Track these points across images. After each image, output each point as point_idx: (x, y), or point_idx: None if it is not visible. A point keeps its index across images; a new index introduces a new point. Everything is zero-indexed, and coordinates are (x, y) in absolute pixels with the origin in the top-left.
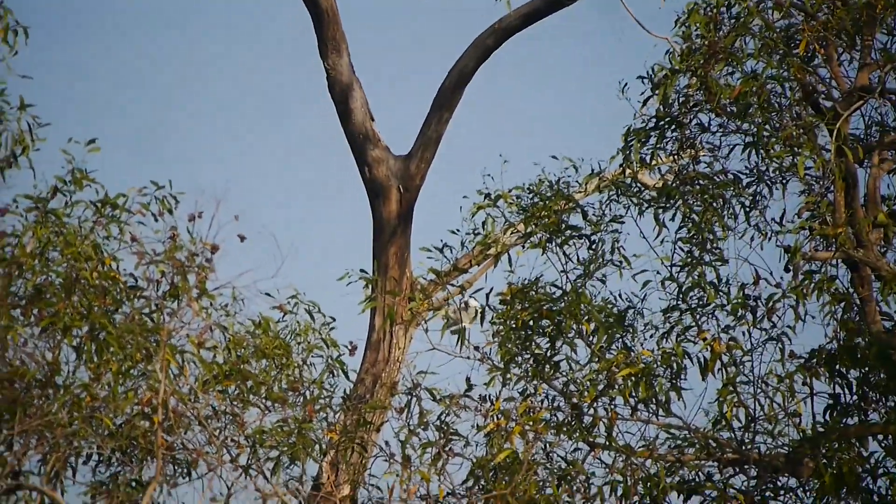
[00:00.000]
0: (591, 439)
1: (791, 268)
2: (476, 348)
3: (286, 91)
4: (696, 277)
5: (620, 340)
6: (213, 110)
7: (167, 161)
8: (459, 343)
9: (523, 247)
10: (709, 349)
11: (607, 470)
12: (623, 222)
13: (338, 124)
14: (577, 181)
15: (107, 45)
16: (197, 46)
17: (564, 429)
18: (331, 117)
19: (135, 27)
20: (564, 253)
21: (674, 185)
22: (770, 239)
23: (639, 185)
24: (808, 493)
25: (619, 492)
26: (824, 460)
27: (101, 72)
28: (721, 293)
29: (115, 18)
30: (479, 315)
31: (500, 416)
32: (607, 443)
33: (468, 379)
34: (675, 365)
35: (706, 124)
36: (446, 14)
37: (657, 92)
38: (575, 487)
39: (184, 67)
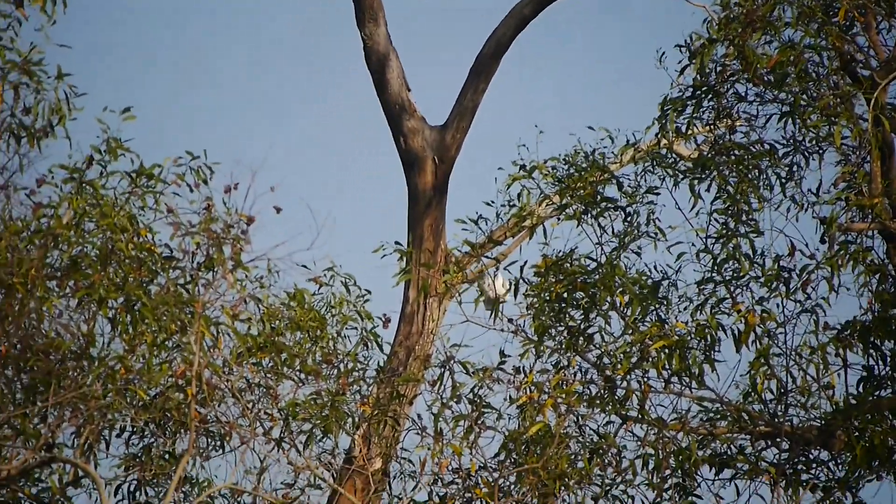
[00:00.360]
0: (624, 412)
1: (826, 239)
2: (510, 321)
3: (323, 61)
4: (731, 249)
5: (655, 313)
6: (249, 81)
7: (203, 132)
8: (493, 316)
9: (558, 219)
10: (743, 321)
11: (639, 443)
12: (659, 193)
13: (374, 94)
14: (612, 152)
15: (137, 14)
16: (232, 16)
17: (597, 402)
18: (367, 87)
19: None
20: (600, 225)
21: (709, 155)
22: (806, 210)
23: (674, 155)
24: (840, 466)
25: (651, 465)
26: (856, 433)
27: (138, 43)
28: (756, 265)
29: None
30: (512, 289)
31: (532, 388)
32: (640, 416)
33: (502, 351)
34: (709, 337)
35: (743, 94)
36: None
37: (694, 61)
38: (607, 461)
39: (219, 39)
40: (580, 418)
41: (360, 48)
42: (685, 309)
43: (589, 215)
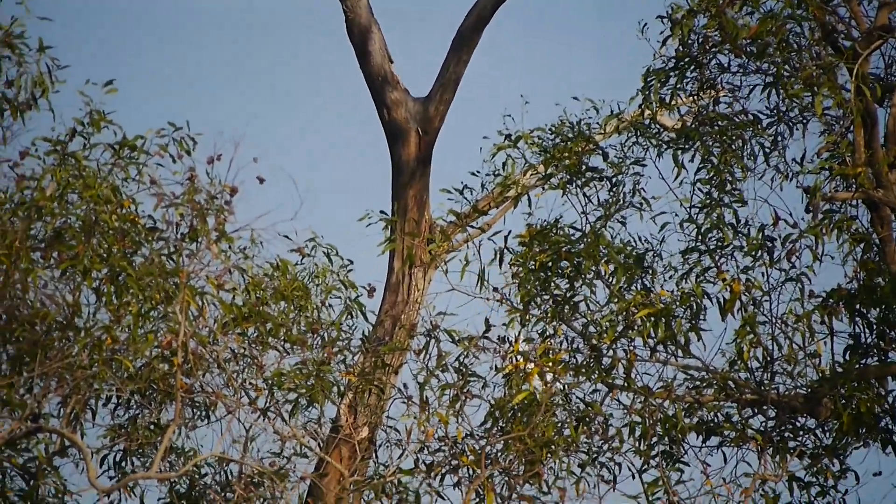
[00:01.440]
0: (610, 381)
1: (811, 208)
2: (495, 289)
3: (306, 31)
4: (714, 219)
5: (639, 281)
6: (233, 52)
7: (186, 104)
8: (479, 284)
9: (543, 188)
10: (728, 290)
11: (626, 411)
12: (645, 165)
13: (357, 65)
14: (597, 123)
15: None
16: None
17: (583, 370)
18: (351, 58)
19: None
20: (585, 194)
21: (693, 126)
22: (790, 179)
23: (658, 126)
24: (826, 434)
25: (638, 433)
26: (843, 401)
27: (119, 15)
28: (740, 234)
29: None
30: (497, 258)
31: (518, 357)
32: (626, 384)
33: (487, 320)
34: (694, 305)
35: (726, 64)
36: None
37: (675, 31)
38: (593, 429)
39: (201, 10)
40: (566, 387)
41: (342, 20)
42: (670, 278)
43: (574, 185)
